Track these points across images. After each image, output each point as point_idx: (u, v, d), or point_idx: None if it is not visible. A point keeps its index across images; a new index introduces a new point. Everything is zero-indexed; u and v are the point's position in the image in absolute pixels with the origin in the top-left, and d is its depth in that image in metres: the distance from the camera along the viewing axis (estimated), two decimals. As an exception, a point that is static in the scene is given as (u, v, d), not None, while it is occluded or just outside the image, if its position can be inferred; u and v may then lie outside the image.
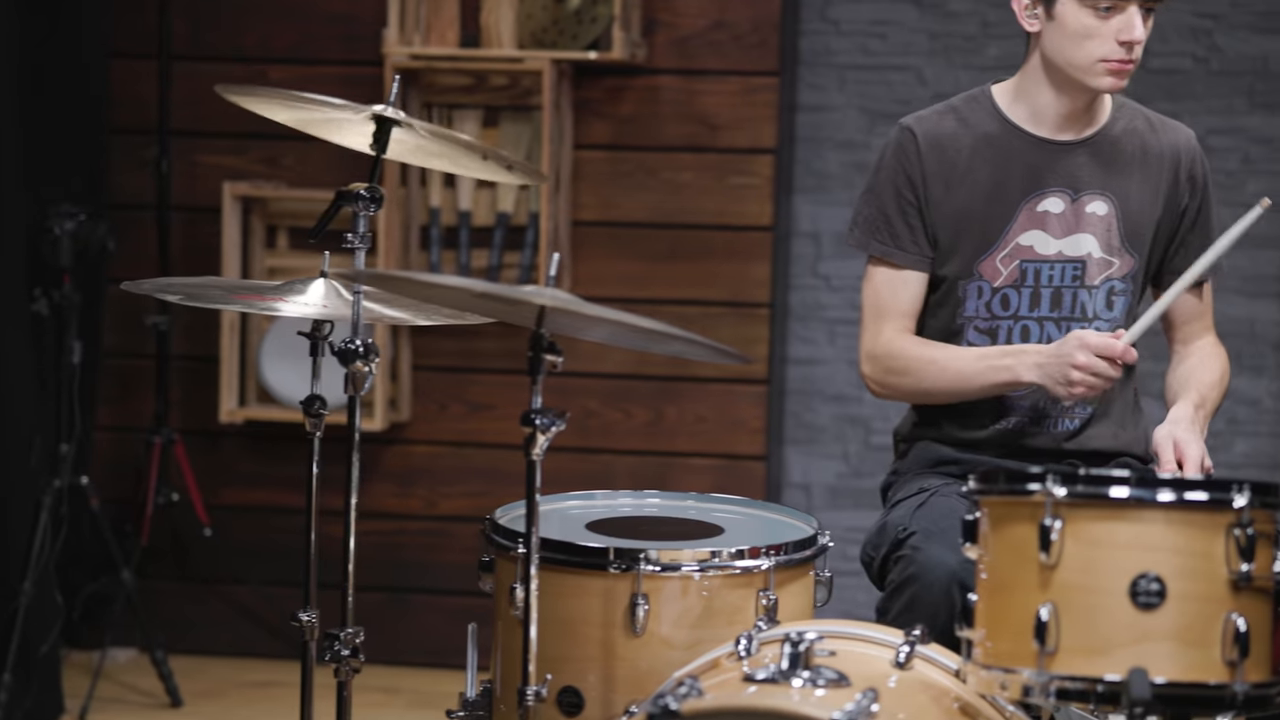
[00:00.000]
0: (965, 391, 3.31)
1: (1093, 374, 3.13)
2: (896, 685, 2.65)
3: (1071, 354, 3.15)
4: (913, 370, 3.34)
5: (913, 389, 3.37)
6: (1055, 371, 3.17)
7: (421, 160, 3.22)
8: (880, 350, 3.37)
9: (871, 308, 3.40)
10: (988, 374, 3.27)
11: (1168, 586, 2.41)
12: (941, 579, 2.98)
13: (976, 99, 3.42)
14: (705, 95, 5.20)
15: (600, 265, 5.26)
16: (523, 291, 2.67)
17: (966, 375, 3.30)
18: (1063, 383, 3.16)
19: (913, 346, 3.35)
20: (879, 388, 3.39)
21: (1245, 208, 5.20)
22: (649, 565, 2.92)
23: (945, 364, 3.32)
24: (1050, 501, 2.44)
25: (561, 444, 5.18)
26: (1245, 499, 2.43)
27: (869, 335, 3.39)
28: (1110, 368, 3.13)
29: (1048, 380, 3.18)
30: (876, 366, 3.38)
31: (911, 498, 3.27)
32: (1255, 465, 5.39)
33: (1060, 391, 3.18)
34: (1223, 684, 2.42)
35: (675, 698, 2.37)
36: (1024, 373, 3.22)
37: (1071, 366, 3.14)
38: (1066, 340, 3.19)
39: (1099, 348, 3.13)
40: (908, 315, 3.38)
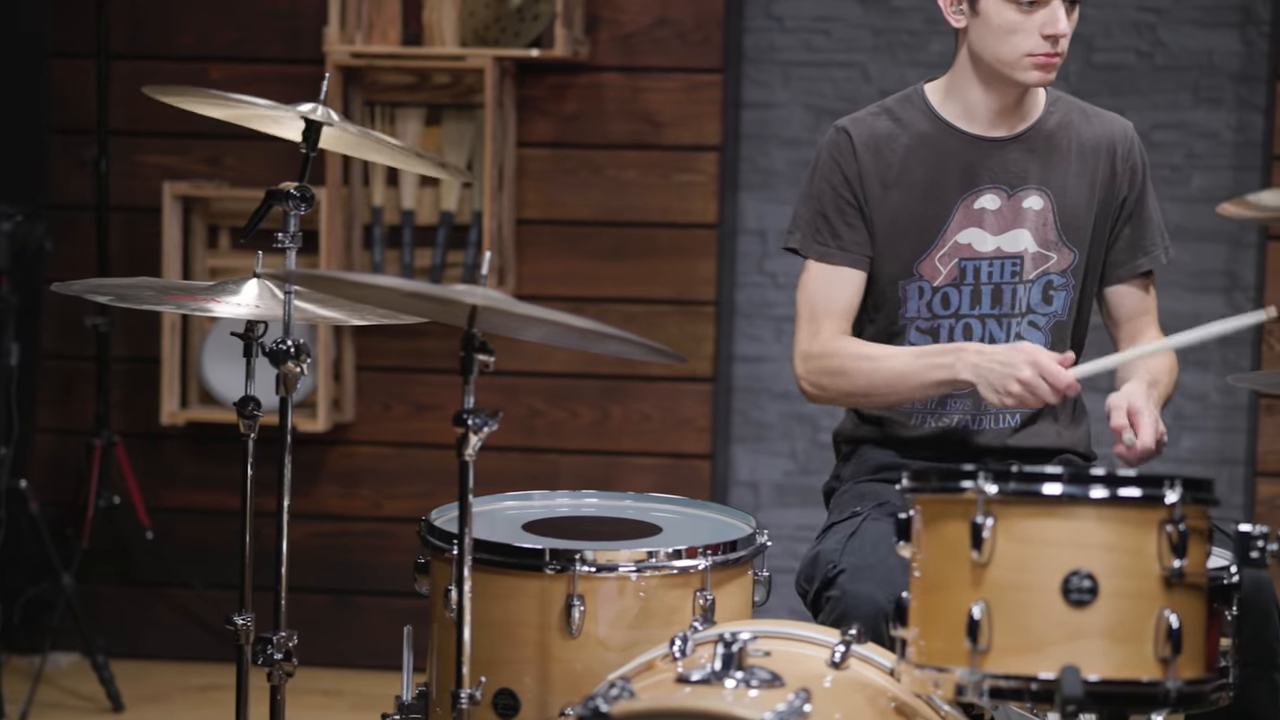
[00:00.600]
0: (902, 391, 3.26)
1: (1031, 393, 3.09)
2: (832, 685, 2.64)
3: (1019, 368, 3.09)
4: (848, 370, 3.29)
5: (849, 390, 3.31)
6: (995, 378, 3.12)
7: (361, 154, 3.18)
8: (816, 350, 3.33)
9: (807, 308, 3.37)
10: (926, 371, 3.22)
11: (1100, 583, 2.39)
12: (871, 618, 2.92)
13: (909, 99, 3.41)
14: (649, 92, 5.18)
15: (545, 264, 5.23)
16: (454, 291, 2.65)
17: (903, 373, 3.25)
18: (999, 390, 3.11)
19: (849, 345, 3.31)
20: (814, 389, 3.34)
21: (1190, 202, 5.29)
22: (585, 566, 2.90)
23: (882, 362, 3.28)
24: (982, 499, 2.43)
25: (507, 444, 5.24)
26: (1177, 495, 2.42)
27: (804, 335, 3.35)
28: (1050, 393, 3.09)
29: (983, 383, 3.14)
30: (811, 367, 3.33)
31: (844, 522, 3.23)
32: (1201, 461, 5.39)
33: (992, 397, 3.13)
34: (1155, 681, 2.40)
35: (606, 699, 2.35)
36: (962, 371, 3.17)
37: (1015, 379, 3.09)
38: (1018, 349, 3.13)
39: (1046, 370, 3.08)
40: (844, 316, 3.35)
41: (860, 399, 3.34)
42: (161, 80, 4.70)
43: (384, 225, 5.16)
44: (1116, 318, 3.43)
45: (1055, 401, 3.12)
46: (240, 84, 5.14)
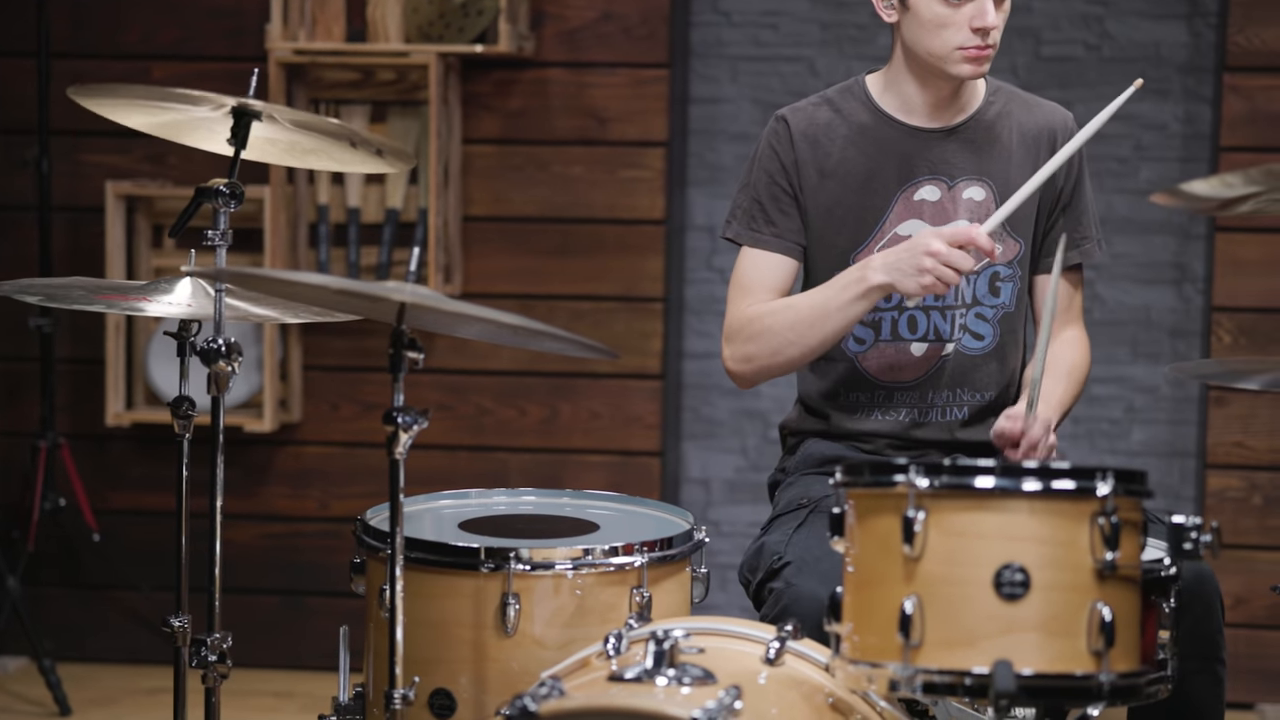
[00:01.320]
0: (826, 323, 3.21)
1: (945, 262, 3.06)
2: (767, 682, 2.62)
3: (925, 242, 3.07)
4: (769, 325, 3.25)
5: (774, 346, 3.26)
6: (907, 264, 3.08)
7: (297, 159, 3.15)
8: (735, 326, 3.30)
9: (736, 290, 3.35)
10: (842, 293, 3.18)
11: (1032, 577, 2.37)
12: (814, 614, 2.90)
13: (850, 89, 3.40)
14: (595, 88, 5.16)
15: (491, 261, 5.21)
16: (383, 288, 2.62)
17: (822, 304, 3.21)
18: (913, 273, 3.07)
19: (763, 306, 3.29)
20: (741, 363, 3.30)
21: (1138, 194, 5.28)
22: (520, 564, 2.88)
23: (797, 304, 3.25)
24: (913, 493, 2.41)
25: (456, 442, 5.21)
26: (1109, 487, 2.40)
27: (729, 317, 3.33)
28: (964, 258, 3.06)
29: (897, 275, 3.10)
30: (735, 341, 3.30)
31: (790, 515, 3.22)
32: (1152, 453, 5.39)
33: (910, 285, 3.09)
34: (1089, 674, 2.38)
35: (534, 698, 2.33)
36: (875, 275, 3.13)
37: (924, 254, 3.06)
38: (917, 234, 3.14)
39: (953, 235, 3.07)
40: (770, 291, 3.32)
41: (788, 353, 3.27)
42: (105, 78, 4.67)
43: (329, 223, 5.13)
44: (1039, 309, 3.42)
45: (971, 265, 3.08)
46: (183, 82, 5.12)
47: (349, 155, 3.09)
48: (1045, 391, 3.27)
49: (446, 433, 5.24)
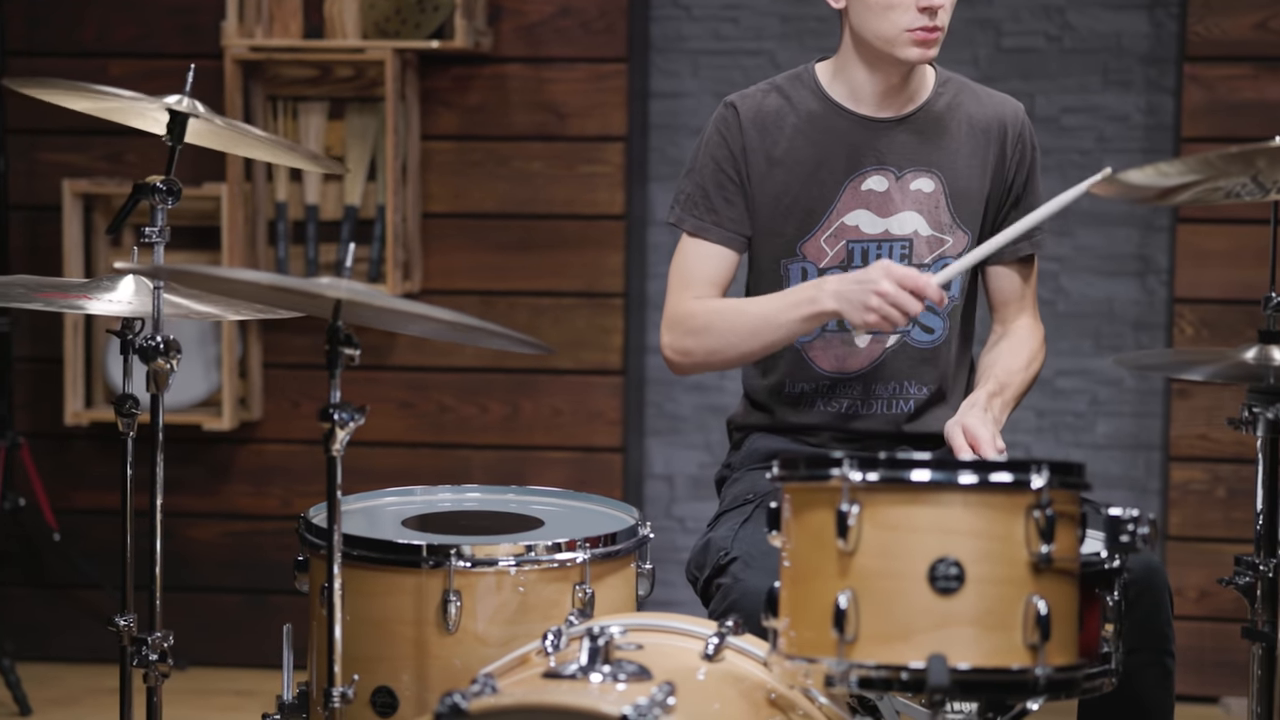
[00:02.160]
0: (767, 335, 3.19)
1: (893, 304, 3.02)
2: (706, 678, 2.60)
3: (876, 280, 3.03)
4: (712, 324, 3.23)
5: (713, 346, 3.24)
6: (856, 296, 3.05)
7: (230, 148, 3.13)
8: (677, 316, 3.28)
9: (677, 279, 3.32)
10: (790, 310, 3.15)
11: (966, 570, 2.36)
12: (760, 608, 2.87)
13: (800, 77, 3.37)
14: (554, 83, 5.14)
15: (451, 257, 5.19)
16: (316, 284, 2.60)
17: (767, 315, 3.18)
18: (860, 308, 3.05)
19: (709, 303, 3.27)
20: (678, 355, 3.29)
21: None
22: (461, 561, 2.86)
23: (744, 308, 3.23)
24: (847, 487, 2.39)
25: (417, 439, 5.20)
26: (1044, 480, 2.38)
27: (670, 304, 3.31)
28: (912, 302, 3.03)
29: (846, 305, 3.07)
30: (674, 335, 3.28)
31: (736, 510, 3.21)
32: (1117, 446, 5.38)
33: (857, 319, 3.06)
34: (1025, 668, 2.37)
35: (465, 696, 2.31)
36: (825, 300, 3.10)
37: (874, 293, 3.03)
38: (873, 266, 3.08)
39: (905, 279, 3.03)
40: (714, 286, 3.30)
41: (729, 353, 3.26)
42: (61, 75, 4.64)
43: (288, 220, 5.11)
44: (995, 299, 3.41)
45: (917, 310, 3.03)
46: (140, 80, 5.10)
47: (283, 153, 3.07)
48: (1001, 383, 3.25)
49: (408, 430, 5.23)
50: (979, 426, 3.12)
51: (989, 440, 3.10)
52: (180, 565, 5.24)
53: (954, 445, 3.12)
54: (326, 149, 5.11)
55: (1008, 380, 3.28)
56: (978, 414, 3.16)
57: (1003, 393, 3.26)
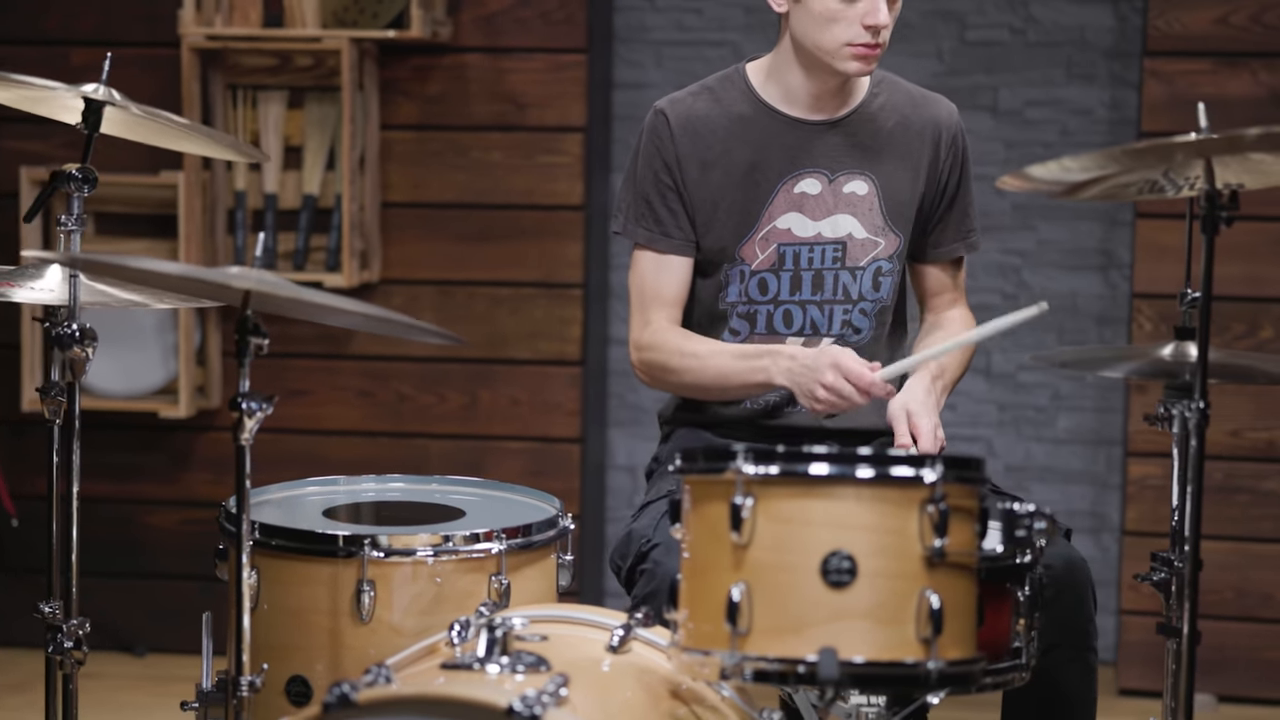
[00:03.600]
0: (726, 389, 3.28)
1: (839, 395, 3.07)
2: (610, 669, 2.60)
3: (822, 371, 3.08)
4: (675, 367, 3.29)
5: (677, 384, 3.33)
6: (804, 382, 3.11)
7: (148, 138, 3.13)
8: (646, 342, 3.32)
9: (638, 296, 3.35)
10: (745, 374, 3.22)
11: (859, 564, 2.36)
12: None
13: (731, 79, 3.37)
14: (513, 73, 5.14)
15: (410, 247, 5.19)
16: (225, 274, 2.60)
17: (726, 374, 3.24)
18: (807, 395, 3.11)
19: (676, 340, 3.30)
20: (648, 379, 3.35)
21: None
22: (375, 551, 2.86)
23: (706, 361, 3.27)
24: (741, 479, 2.39)
25: (376, 429, 5.20)
26: (937, 474, 2.38)
27: (637, 325, 3.34)
28: (856, 394, 3.07)
29: (795, 387, 3.13)
30: (644, 357, 3.33)
31: (658, 502, 3.21)
32: (1078, 441, 5.38)
33: (804, 401, 3.13)
34: (917, 662, 2.37)
35: (355, 686, 2.31)
36: (777, 376, 3.16)
37: (819, 384, 3.08)
38: (823, 353, 3.11)
39: (850, 372, 3.06)
40: (673, 304, 3.33)
41: (683, 393, 3.36)
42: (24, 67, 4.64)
43: (246, 209, 5.11)
44: (926, 293, 3.44)
45: (863, 403, 3.09)
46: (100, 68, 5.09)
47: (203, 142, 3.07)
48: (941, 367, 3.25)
49: (367, 419, 5.23)
50: (923, 416, 3.12)
51: (930, 433, 3.11)
52: (139, 552, 5.25)
53: (896, 430, 3.13)
54: (286, 138, 5.11)
55: (946, 365, 3.29)
56: (922, 402, 3.15)
57: (941, 377, 3.26)
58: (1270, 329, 4.95)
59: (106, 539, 5.27)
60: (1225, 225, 2.59)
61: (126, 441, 5.26)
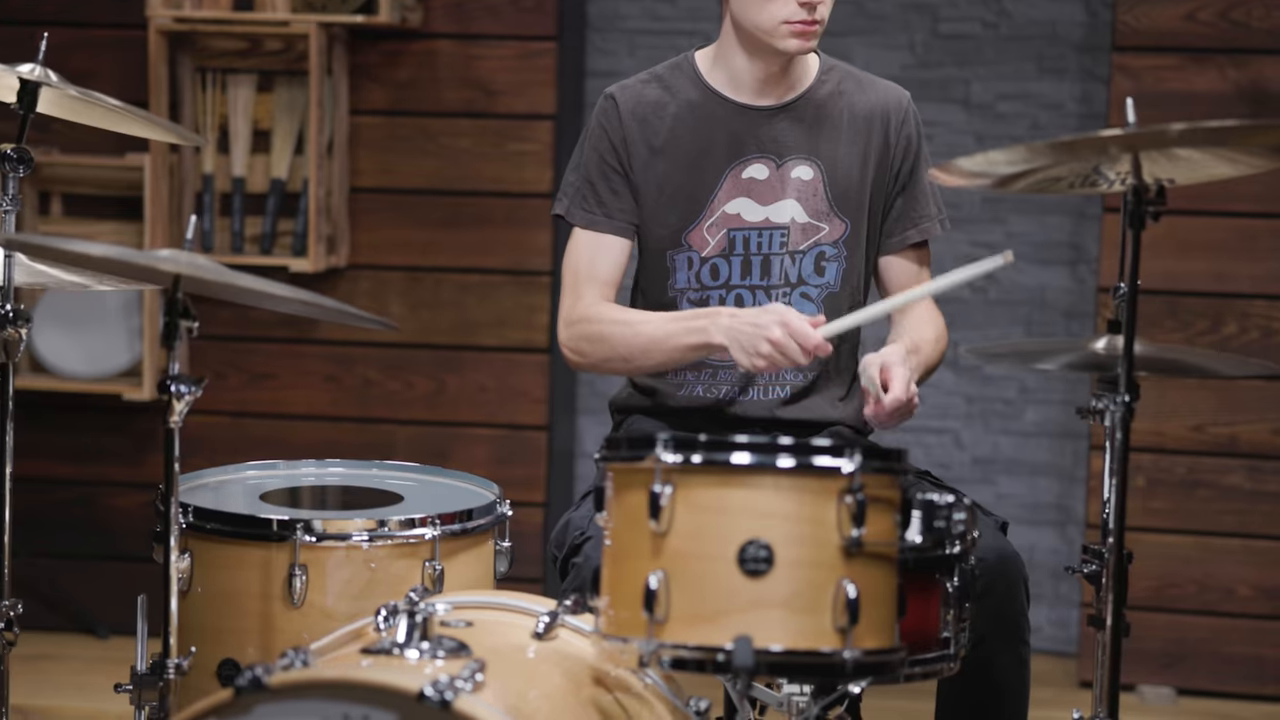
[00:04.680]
0: (658, 356, 3.23)
1: (781, 353, 3.05)
2: (535, 656, 2.61)
3: (769, 327, 3.05)
4: (607, 335, 3.26)
5: (607, 355, 3.28)
6: (746, 340, 3.08)
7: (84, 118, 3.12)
8: (576, 315, 3.30)
9: (571, 275, 3.34)
10: (680, 335, 3.18)
11: (776, 553, 2.36)
12: None
13: (679, 66, 3.38)
14: (483, 60, 5.14)
15: (379, 233, 5.19)
16: (154, 257, 2.61)
17: (659, 338, 3.21)
18: (750, 352, 3.07)
19: (608, 310, 3.28)
20: (575, 355, 3.32)
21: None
22: (308, 536, 2.87)
23: (639, 327, 3.24)
24: (660, 468, 2.40)
25: (342, 414, 5.20)
26: (855, 464, 2.38)
27: (567, 303, 3.32)
28: (800, 353, 3.04)
29: (735, 345, 3.09)
30: (572, 333, 3.31)
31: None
32: (1045, 434, 5.38)
33: (743, 359, 3.09)
34: (833, 651, 2.37)
35: (269, 669, 2.32)
36: (715, 334, 3.13)
37: (765, 339, 3.05)
38: (768, 310, 3.09)
39: (795, 330, 3.04)
40: (608, 283, 3.32)
41: (620, 364, 3.30)
42: (-8, 46, 4.65)
43: (214, 193, 5.12)
44: (890, 287, 3.40)
45: (805, 362, 3.06)
46: (70, 49, 5.11)
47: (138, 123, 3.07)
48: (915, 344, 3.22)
49: (333, 404, 5.24)
50: (897, 365, 3.07)
51: (904, 380, 3.04)
52: (102, 534, 5.26)
53: (863, 379, 3.08)
54: (255, 122, 5.11)
55: (920, 345, 3.24)
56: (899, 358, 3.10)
57: (918, 352, 3.21)
58: (1234, 325, 4.95)
59: (69, 521, 5.28)
60: (1153, 220, 2.58)
61: (89, 423, 5.26)
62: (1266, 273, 4.93)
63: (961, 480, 5.38)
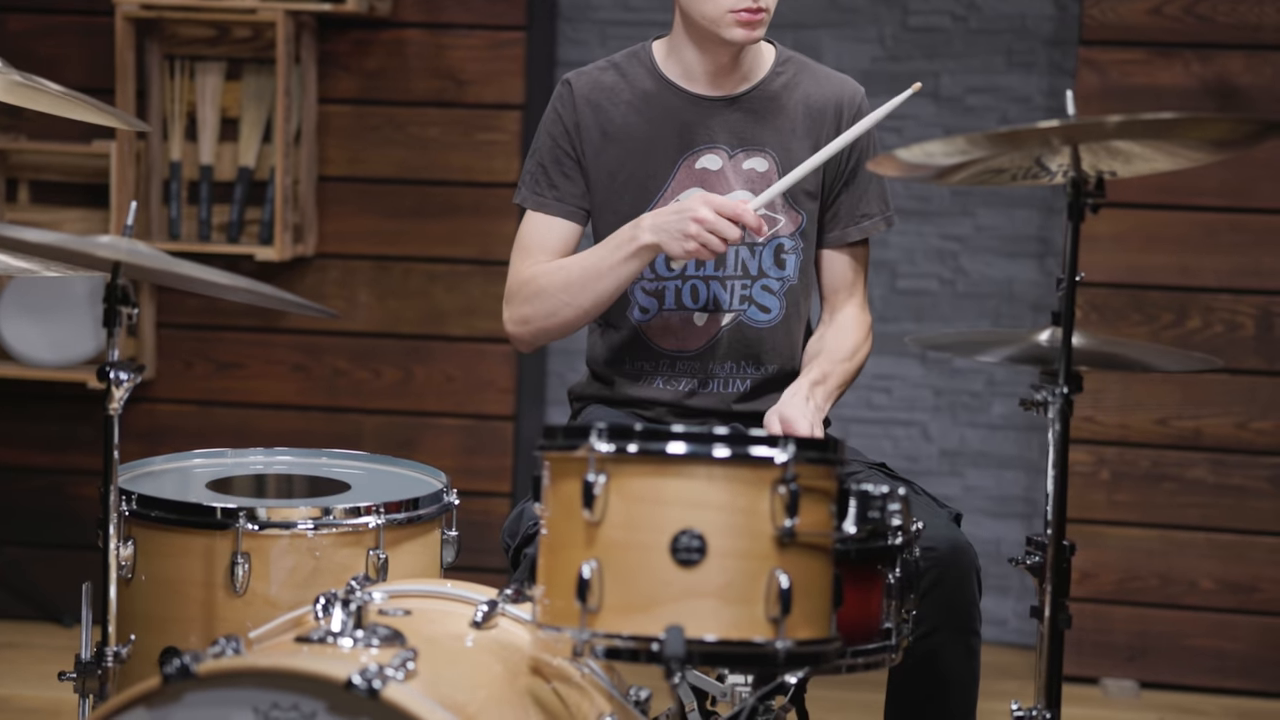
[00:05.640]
0: (596, 282, 3.20)
1: (711, 230, 3.05)
2: (473, 645, 2.61)
3: (694, 208, 3.06)
4: (543, 286, 3.25)
5: (549, 308, 3.25)
6: (674, 226, 3.08)
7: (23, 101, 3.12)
8: (515, 284, 3.30)
9: (517, 253, 3.34)
10: (613, 253, 3.18)
11: (709, 543, 2.36)
12: None
13: (637, 55, 3.38)
14: (452, 49, 5.14)
15: (347, 222, 5.19)
16: (94, 244, 2.60)
17: (591, 263, 3.21)
18: (679, 237, 3.07)
19: (540, 268, 3.28)
20: (518, 326, 3.30)
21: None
22: (251, 524, 2.87)
23: (570, 263, 3.25)
24: (593, 457, 2.40)
25: (310, 403, 5.20)
26: (788, 455, 2.38)
27: (510, 278, 3.33)
28: (728, 226, 3.05)
29: (664, 236, 3.09)
30: (512, 303, 3.30)
31: None
32: (1012, 427, 5.38)
33: (675, 248, 3.08)
34: (766, 641, 2.37)
35: (198, 657, 2.31)
36: (644, 235, 3.13)
37: (691, 219, 3.06)
38: (689, 195, 3.12)
39: (722, 206, 3.06)
40: (550, 253, 3.31)
41: (562, 315, 3.26)
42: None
43: (182, 180, 5.11)
44: (825, 287, 3.40)
45: (736, 237, 3.07)
46: (38, 35, 5.11)
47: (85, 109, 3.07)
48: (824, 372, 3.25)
49: (301, 393, 5.23)
50: (798, 418, 3.12)
51: (806, 431, 3.10)
52: (71, 523, 5.25)
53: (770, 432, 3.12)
54: (223, 110, 5.11)
55: (830, 369, 3.28)
56: (798, 403, 3.17)
57: (825, 381, 3.26)
58: (1198, 318, 4.95)
59: (36, 509, 5.28)
60: (1092, 212, 2.58)
61: (56, 412, 5.26)
62: (1231, 266, 4.94)
63: (929, 472, 5.38)
